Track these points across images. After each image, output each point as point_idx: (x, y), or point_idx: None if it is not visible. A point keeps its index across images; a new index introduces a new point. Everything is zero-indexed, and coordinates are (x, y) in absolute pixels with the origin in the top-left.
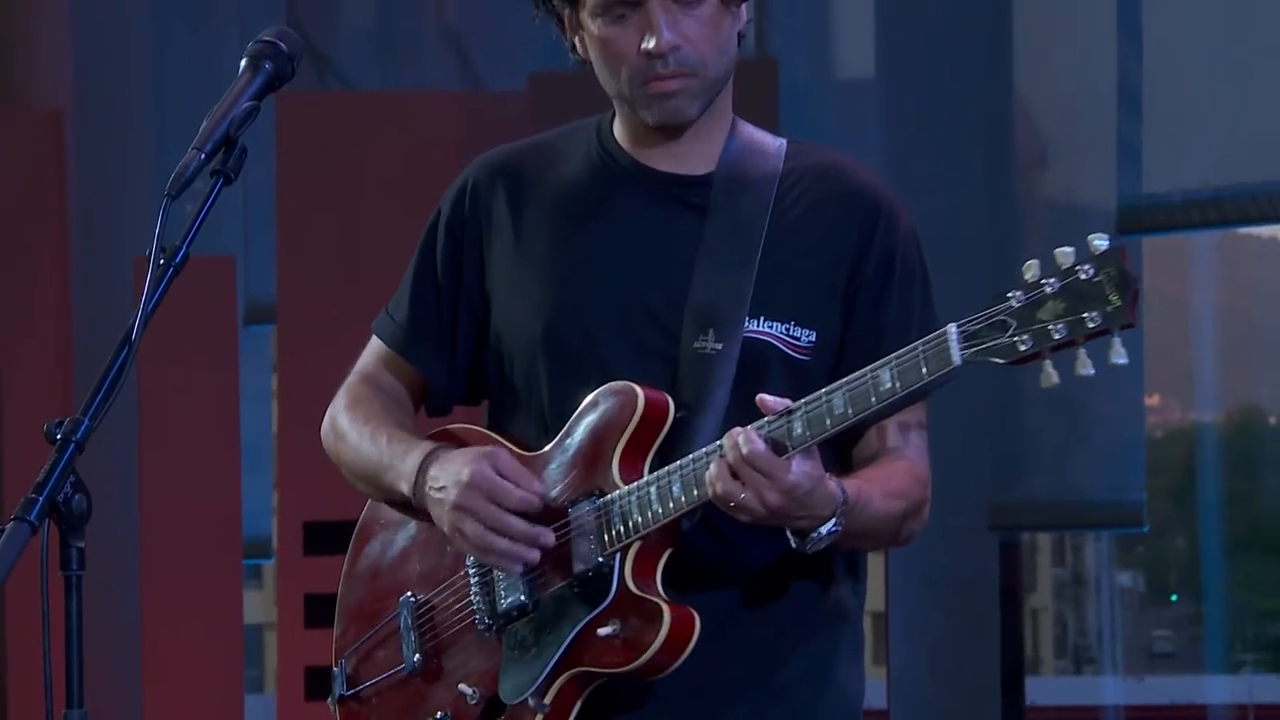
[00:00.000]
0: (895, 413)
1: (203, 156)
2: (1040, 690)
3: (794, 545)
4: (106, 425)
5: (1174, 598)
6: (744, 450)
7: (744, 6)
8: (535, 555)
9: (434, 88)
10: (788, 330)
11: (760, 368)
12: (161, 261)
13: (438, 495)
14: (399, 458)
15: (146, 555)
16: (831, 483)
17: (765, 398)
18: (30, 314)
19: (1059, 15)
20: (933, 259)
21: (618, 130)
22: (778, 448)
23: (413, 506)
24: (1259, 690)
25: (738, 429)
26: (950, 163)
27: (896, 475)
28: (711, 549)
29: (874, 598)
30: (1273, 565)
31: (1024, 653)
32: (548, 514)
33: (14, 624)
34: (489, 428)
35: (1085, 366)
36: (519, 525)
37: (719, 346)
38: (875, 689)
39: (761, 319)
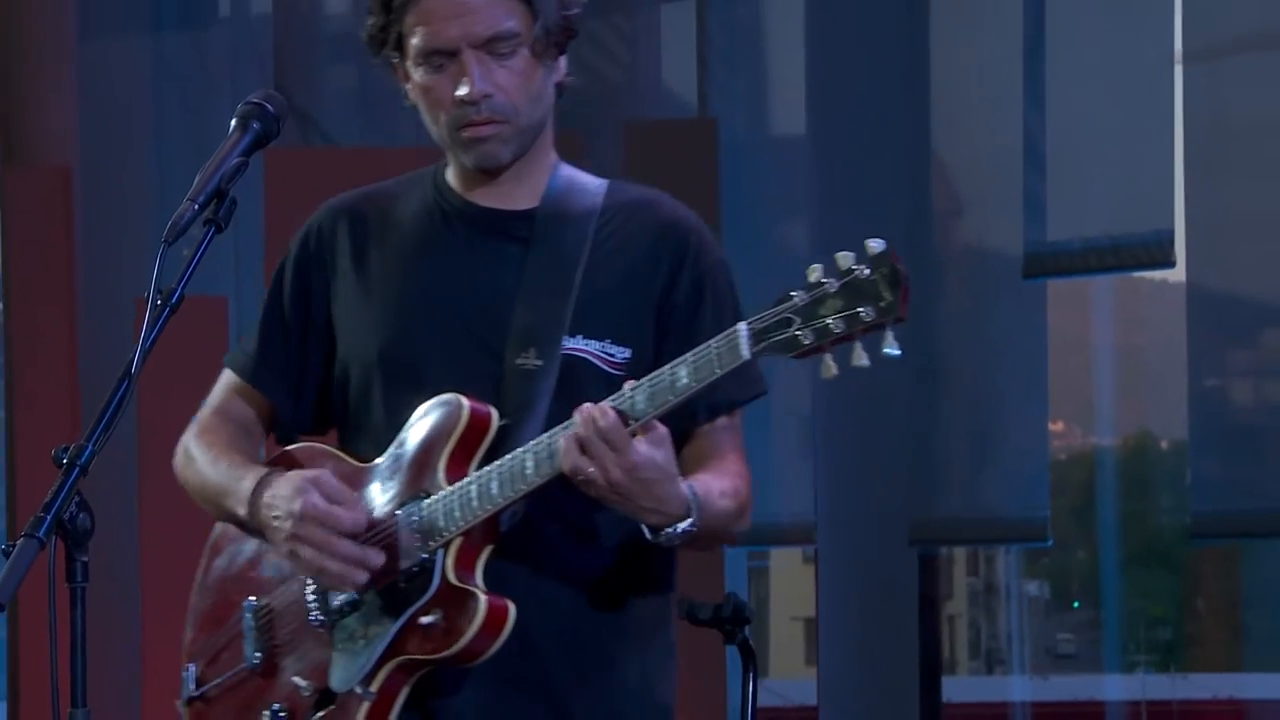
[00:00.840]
0: (712, 412)
1: (196, 207)
2: (955, 689)
3: (649, 539)
4: (109, 450)
5: (1076, 605)
6: (600, 423)
7: (561, 59)
8: (364, 576)
9: (408, 144)
10: (603, 348)
11: (578, 381)
12: (159, 302)
13: (274, 524)
14: (236, 482)
15: (146, 568)
16: (684, 485)
17: (586, 406)
18: (40, 349)
19: (972, 81)
20: None
21: (449, 173)
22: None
23: (250, 527)
24: (1151, 688)
25: (588, 405)
26: (875, 212)
27: (728, 477)
28: (536, 554)
29: (805, 605)
30: (1163, 576)
31: (941, 655)
32: (377, 520)
33: (25, 631)
34: (338, 445)
35: (860, 359)
36: (350, 549)
37: (540, 363)
38: (807, 688)
39: (579, 337)
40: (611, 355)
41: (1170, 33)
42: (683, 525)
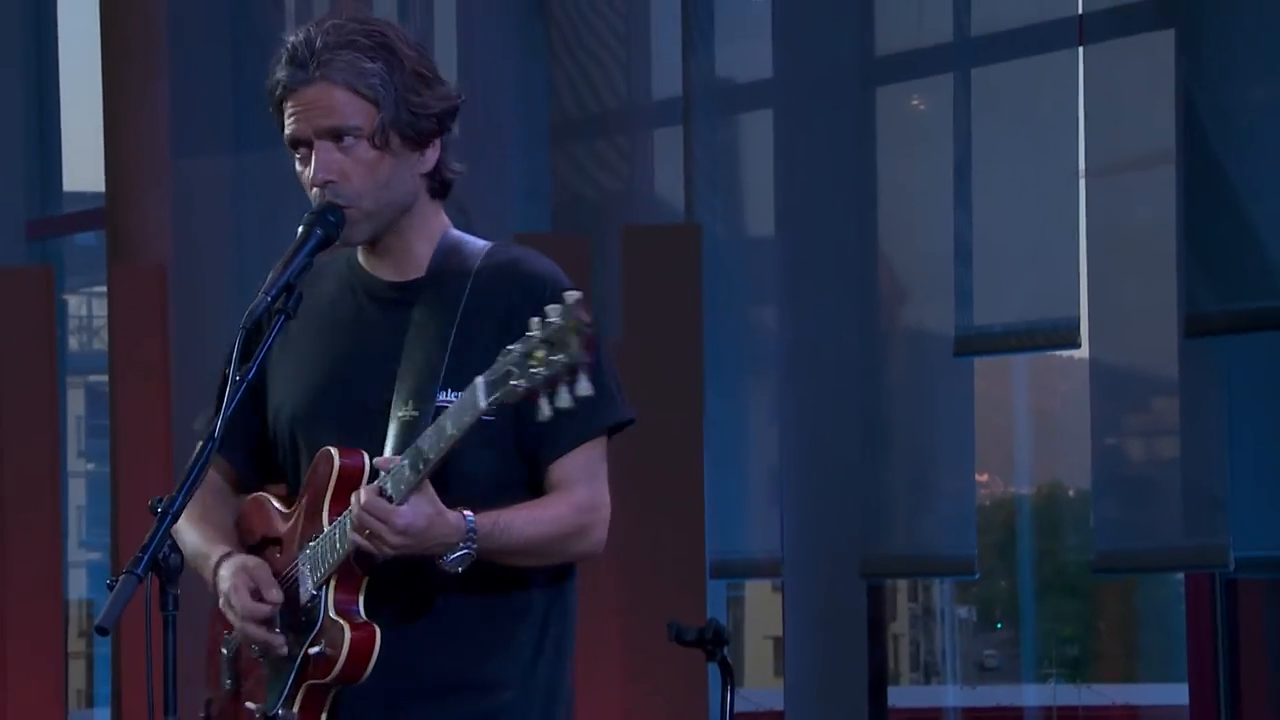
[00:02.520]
0: (558, 450)
1: (269, 299)
2: (899, 696)
3: (440, 566)
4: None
5: (999, 626)
6: (363, 502)
7: (427, 152)
8: (278, 651)
9: None
10: None
11: None
12: (238, 377)
13: (219, 595)
14: (204, 559)
15: None
16: (457, 515)
17: (377, 459)
18: (139, 415)
19: (911, 192)
20: (819, 374)
21: (359, 246)
22: (390, 497)
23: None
24: (1061, 696)
25: (357, 491)
26: (832, 300)
27: (551, 505)
28: (416, 577)
29: (774, 627)
30: (1071, 603)
31: (887, 667)
32: (290, 561)
33: (126, 651)
34: (276, 493)
35: (564, 400)
36: (256, 634)
37: (416, 413)
38: (775, 696)
39: (449, 390)
40: None
41: (1075, 153)
42: (457, 553)
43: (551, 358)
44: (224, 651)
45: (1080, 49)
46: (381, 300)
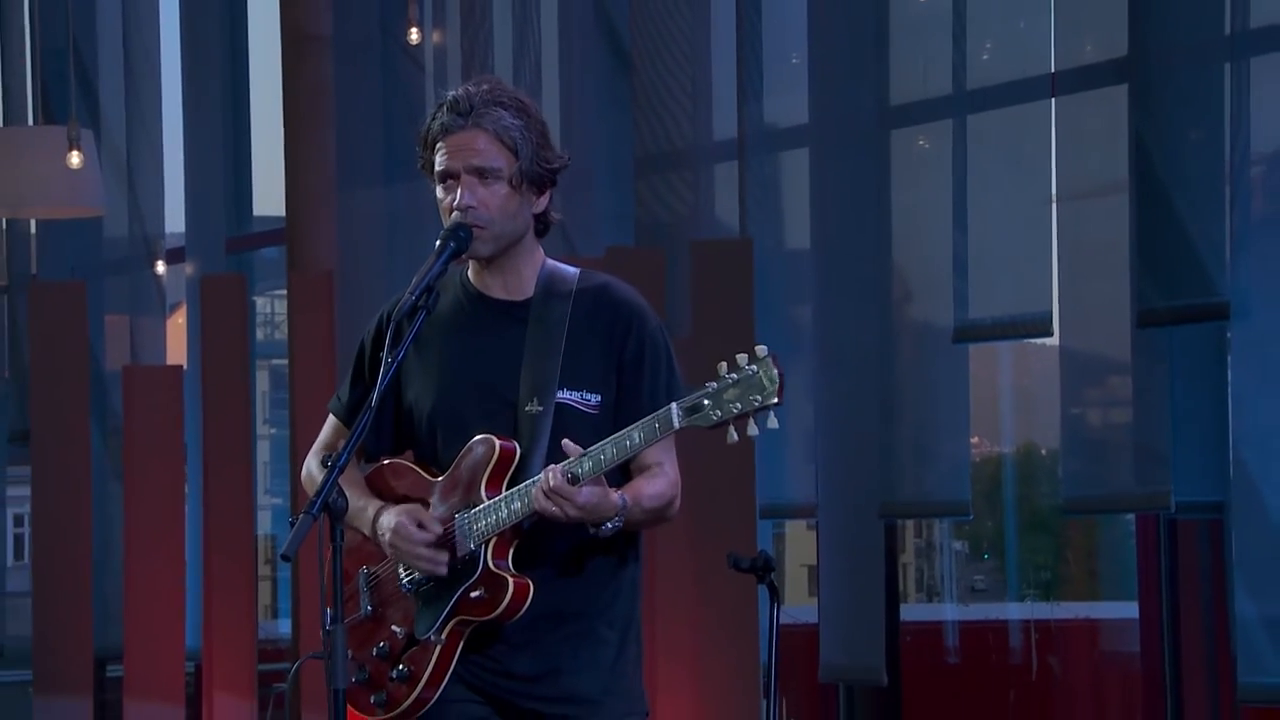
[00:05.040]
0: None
1: (413, 298)
2: (907, 612)
3: (592, 533)
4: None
5: (985, 556)
6: (552, 483)
7: (543, 198)
8: (442, 569)
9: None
10: (582, 396)
11: (566, 421)
12: (390, 360)
13: (384, 537)
14: (361, 512)
15: None
16: (615, 495)
17: (566, 443)
18: (312, 390)
19: (918, 210)
20: (844, 358)
21: (470, 271)
22: (573, 480)
23: (370, 538)
24: (1036, 612)
25: (552, 467)
26: (855, 301)
27: (659, 482)
28: (549, 537)
29: (809, 557)
30: (1044, 538)
31: (898, 589)
32: (443, 520)
33: (303, 575)
34: (414, 461)
35: (752, 429)
36: (425, 556)
37: (541, 408)
38: (810, 612)
39: (566, 389)
40: (588, 400)
41: (1048, 182)
42: (611, 524)
43: (750, 397)
44: (365, 584)
45: (1053, 100)
46: (500, 316)
